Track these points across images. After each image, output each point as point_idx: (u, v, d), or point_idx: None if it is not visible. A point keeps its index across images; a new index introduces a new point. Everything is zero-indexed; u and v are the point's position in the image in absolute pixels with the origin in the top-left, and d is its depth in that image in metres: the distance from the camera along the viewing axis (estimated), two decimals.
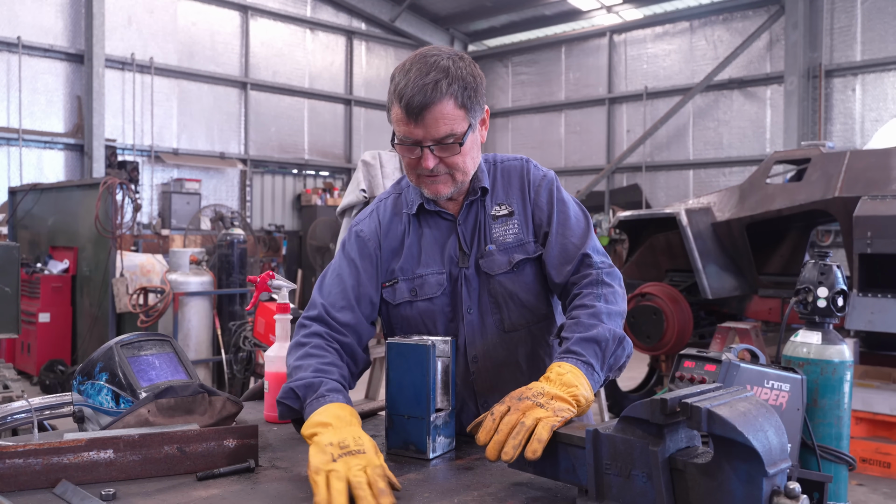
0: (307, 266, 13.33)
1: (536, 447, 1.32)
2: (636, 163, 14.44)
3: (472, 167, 1.74)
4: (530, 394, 1.43)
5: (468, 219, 1.79)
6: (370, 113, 15.87)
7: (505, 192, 1.81)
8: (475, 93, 1.66)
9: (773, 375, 2.49)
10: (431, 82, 1.61)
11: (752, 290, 6.88)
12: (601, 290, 1.67)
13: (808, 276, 2.87)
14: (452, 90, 1.62)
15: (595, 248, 1.75)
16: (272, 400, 1.86)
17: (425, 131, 1.63)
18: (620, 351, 1.61)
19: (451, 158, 1.67)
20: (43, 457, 1.34)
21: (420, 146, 1.65)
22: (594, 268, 1.71)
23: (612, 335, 1.59)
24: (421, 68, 1.63)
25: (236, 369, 6.16)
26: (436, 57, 1.66)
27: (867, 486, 5.01)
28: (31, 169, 11.42)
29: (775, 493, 1.07)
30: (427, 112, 1.61)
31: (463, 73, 1.64)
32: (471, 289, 1.77)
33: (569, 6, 14.94)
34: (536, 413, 1.38)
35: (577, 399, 1.45)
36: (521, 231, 1.77)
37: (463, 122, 1.65)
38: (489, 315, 1.77)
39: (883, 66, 11.83)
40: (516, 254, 1.76)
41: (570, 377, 1.49)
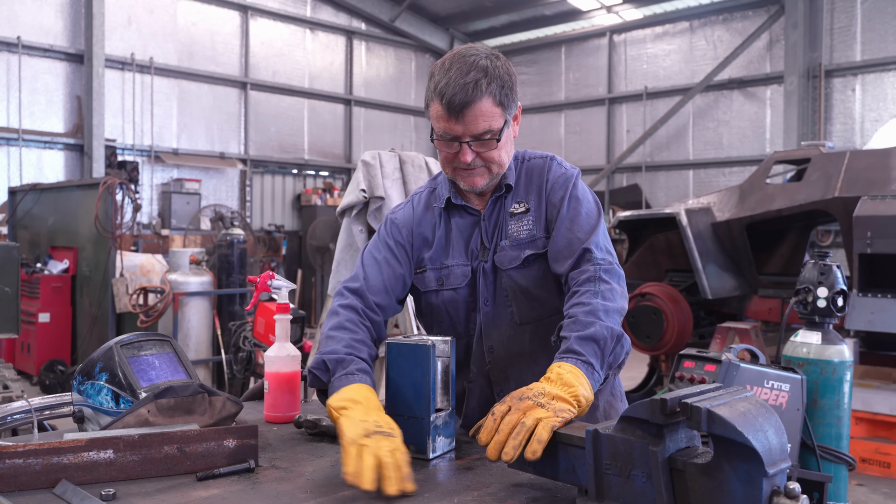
0: (307, 266, 13.33)
1: (536, 448, 1.33)
2: (636, 163, 14.44)
3: (507, 160, 1.82)
4: (531, 394, 1.44)
5: (492, 214, 1.87)
6: (370, 113, 15.88)
7: (525, 189, 1.86)
8: (511, 91, 1.75)
9: (772, 375, 2.49)
10: (472, 81, 1.68)
11: (751, 290, 6.89)
12: (598, 286, 1.67)
13: (808, 276, 2.88)
14: (491, 89, 1.70)
15: (599, 245, 1.75)
16: (272, 400, 1.86)
17: (465, 128, 1.71)
18: (619, 348, 1.61)
19: (488, 153, 1.76)
20: (43, 457, 1.34)
21: (459, 141, 1.73)
22: (593, 263, 1.71)
23: (609, 333, 1.59)
24: (461, 67, 1.70)
25: (236, 369, 6.16)
26: (475, 56, 1.73)
27: (867, 487, 5.01)
28: (30, 169, 11.41)
29: (775, 493, 1.07)
30: (468, 110, 1.69)
31: (500, 72, 1.73)
32: (487, 282, 1.84)
33: (569, 6, 14.94)
34: (537, 413, 1.39)
35: (578, 399, 1.46)
36: (534, 227, 1.81)
37: (500, 118, 1.74)
38: (503, 308, 1.83)
39: (883, 66, 11.83)
40: (527, 249, 1.80)
41: (570, 377, 1.49)
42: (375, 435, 1.39)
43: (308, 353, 2.19)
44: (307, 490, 1.37)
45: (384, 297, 1.84)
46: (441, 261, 1.88)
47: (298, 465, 1.52)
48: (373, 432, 1.39)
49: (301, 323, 2.11)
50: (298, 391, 1.90)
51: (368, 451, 1.35)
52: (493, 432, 1.40)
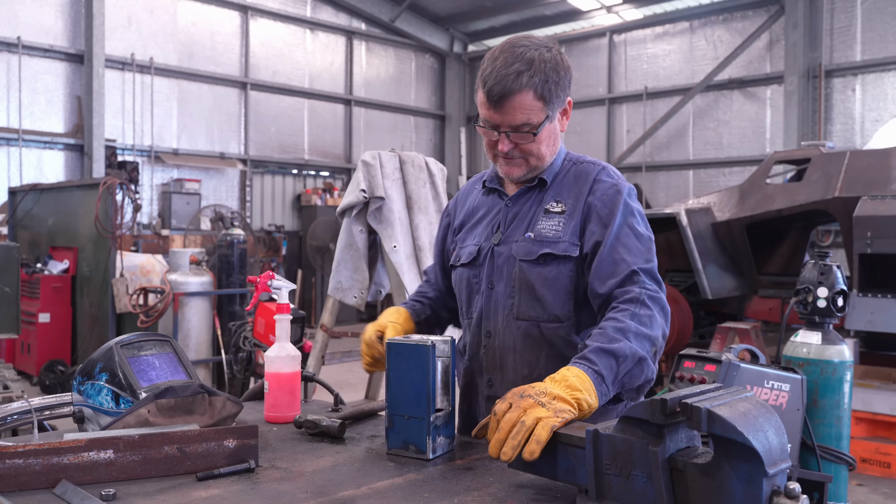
0: (307, 266, 13.32)
1: (534, 448, 1.34)
2: (636, 163, 14.44)
3: (547, 154, 1.82)
4: (533, 392, 1.44)
5: (519, 202, 1.87)
6: (370, 113, 15.88)
7: (568, 190, 1.83)
8: (556, 85, 1.73)
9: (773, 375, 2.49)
10: (514, 73, 1.69)
11: (752, 290, 6.89)
12: (638, 309, 1.65)
13: (808, 276, 2.88)
14: (533, 82, 1.70)
15: (649, 271, 1.72)
16: (272, 400, 1.86)
17: (503, 118, 1.73)
18: (638, 371, 1.60)
19: (526, 145, 1.77)
20: (43, 457, 1.34)
21: (498, 130, 1.75)
22: (640, 286, 1.68)
23: (631, 353, 1.58)
24: (507, 58, 1.72)
25: (236, 369, 6.16)
26: (524, 48, 1.73)
27: (867, 487, 5.01)
28: (31, 169, 11.41)
29: (775, 493, 1.07)
30: (506, 101, 1.71)
31: (546, 66, 1.72)
32: (493, 266, 1.84)
33: (569, 6, 14.94)
34: (537, 412, 1.39)
35: (580, 402, 1.45)
36: (563, 230, 1.78)
37: (540, 112, 1.73)
38: (506, 297, 1.82)
39: (883, 67, 11.83)
40: (546, 248, 1.77)
41: (575, 381, 1.49)
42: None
43: (308, 353, 2.19)
44: (307, 490, 1.37)
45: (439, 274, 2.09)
46: (464, 238, 1.95)
47: (298, 465, 1.52)
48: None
49: (301, 323, 2.11)
50: (298, 391, 1.90)
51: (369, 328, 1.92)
52: (494, 430, 1.40)
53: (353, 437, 1.74)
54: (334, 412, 1.92)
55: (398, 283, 4.70)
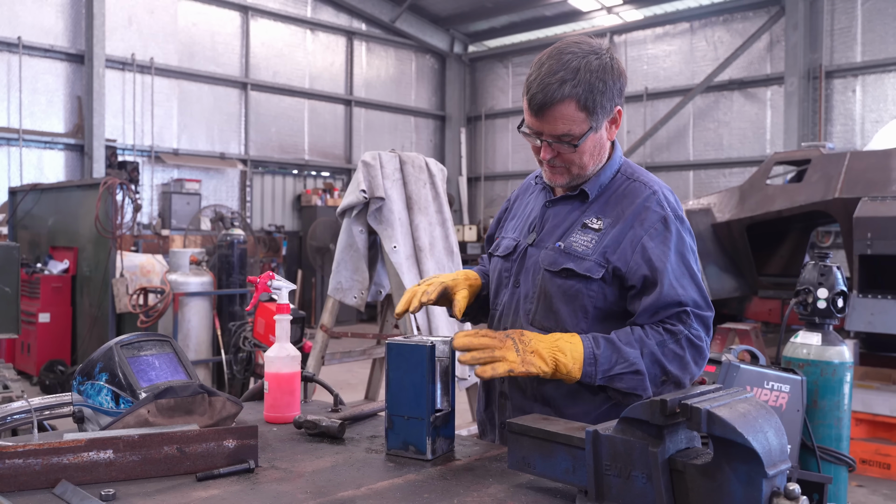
0: (307, 267, 13.32)
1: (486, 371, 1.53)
2: (636, 163, 14.42)
3: (590, 164, 1.77)
4: (517, 336, 1.57)
5: (557, 206, 1.83)
6: (370, 113, 15.88)
7: (612, 207, 1.76)
8: (602, 95, 1.67)
9: (772, 376, 2.49)
10: (557, 82, 1.64)
11: (752, 291, 6.89)
12: (671, 344, 1.64)
13: (808, 277, 2.87)
14: (576, 93, 1.65)
15: (700, 317, 1.68)
16: (272, 400, 1.86)
17: (544, 126, 1.69)
18: (630, 380, 1.62)
19: (568, 155, 1.73)
20: (43, 457, 1.34)
21: (540, 138, 1.72)
22: (687, 327, 1.66)
23: (634, 361, 1.61)
24: (553, 65, 1.67)
25: (236, 370, 6.16)
26: (571, 55, 1.68)
27: (867, 488, 5.01)
28: (31, 169, 11.41)
29: (775, 494, 1.07)
30: (547, 110, 1.66)
31: (593, 76, 1.66)
32: (524, 266, 1.82)
33: (569, 7, 14.94)
34: (507, 353, 1.54)
35: (557, 364, 1.58)
36: (593, 248, 1.71)
37: (583, 124, 1.68)
38: (527, 301, 1.80)
39: (883, 68, 11.83)
40: (570, 263, 1.72)
41: (566, 346, 1.58)
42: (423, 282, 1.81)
43: (308, 354, 2.19)
44: (307, 490, 1.37)
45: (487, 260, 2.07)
46: (506, 231, 1.95)
47: (298, 466, 1.52)
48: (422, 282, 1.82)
49: (301, 323, 2.11)
50: (298, 391, 1.90)
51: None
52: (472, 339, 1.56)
53: (352, 438, 1.74)
54: (334, 412, 1.92)
55: (398, 283, 4.70)
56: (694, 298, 1.68)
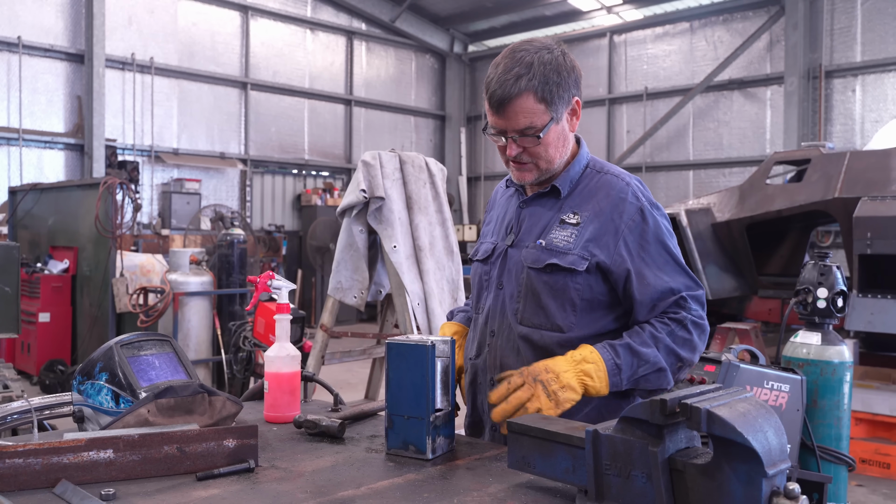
0: (307, 266, 13.33)
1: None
2: (636, 163, 14.44)
3: (556, 156, 1.80)
4: (545, 377, 1.58)
5: (533, 205, 1.87)
6: (370, 113, 15.87)
7: (586, 202, 1.81)
8: (557, 86, 1.73)
9: (772, 376, 2.49)
10: (513, 78, 1.70)
11: (751, 290, 6.88)
12: (679, 330, 1.72)
13: (807, 276, 2.88)
14: (532, 85, 1.70)
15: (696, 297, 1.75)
16: (272, 400, 1.86)
17: (507, 123, 1.74)
18: (654, 378, 1.70)
19: (533, 149, 1.77)
20: (43, 457, 1.34)
21: (504, 135, 1.76)
22: (688, 311, 1.74)
23: (654, 360, 1.68)
24: (508, 63, 1.73)
25: (236, 369, 6.16)
26: (524, 52, 1.74)
27: (867, 487, 5.01)
28: (31, 169, 11.41)
29: (775, 493, 1.07)
30: (508, 106, 1.71)
31: (547, 69, 1.72)
32: (505, 267, 1.86)
33: (569, 7, 14.94)
34: (542, 402, 1.56)
35: (587, 389, 1.63)
36: (574, 242, 1.76)
37: (543, 115, 1.73)
38: (512, 300, 1.83)
39: (883, 67, 11.83)
40: (553, 258, 1.76)
41: (590, 368, 1.62)
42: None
43: (308, 353, 2.19)
44: (307, 490, 1.37)
45: None
46: (485, 236, 2.00)
47: (298, 465, 1.52)
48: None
49: (301, 323, 2.11)
50: (298, 391, 1.90)
51: None
52: (502, 399, 1.57)
53: (352, 437, 1.74)
54: (334, 412, 1.92)
55: (398, 283, 4.70)
56: (683, 282, 1.76)
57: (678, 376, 1.75)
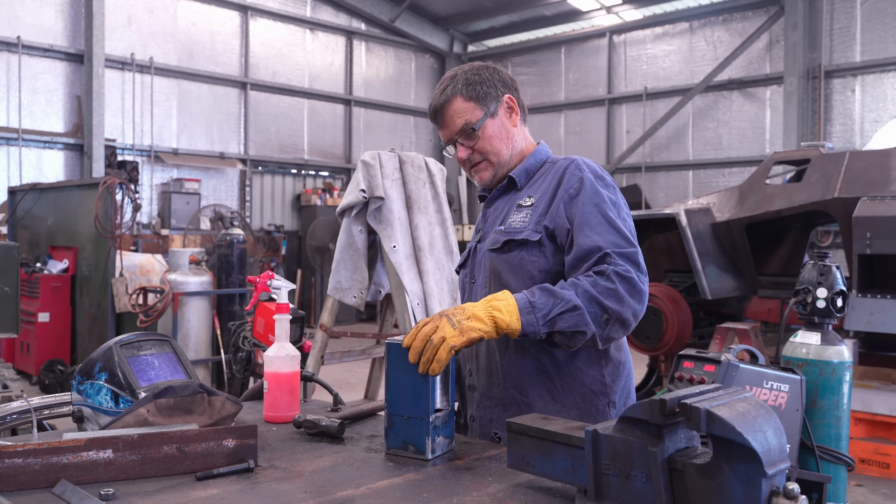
0: (307, 266, 13.33)
1: (435, 367, 1.54)
2: (636, 163, 14.44)
3: (502, 148, 1.94)
4: (451, 311, 1.62)
5: (496, 202, 2.00)
6: (370, 113, 15.87)
7: (539, 184, 1.92)
8: (481, 85, 1.91)
9: (772, 376, 2.49)
10: (440, 90, 1.94)
11: (751, 290, 6.88)
12: (602, 281, 1.68)
13: (807, 276, 2.87)
14: (457, 89, 1.91)
15: (623, 254, 1.72)
16: (271, 400, 1.86)
17: (448, 129, 1.93)
18: (571, 317, 1.64)
19: (478, 145, 1.92)
20: (42, 456, 1.34)
21: (453, 143, 1.94)
22: (609, 264, 1.70)
23: (570, 299, 1.65)
24: (440, 84, 1.97)
25: (236, 369, 6.16)
26: (450, 71, 1.98)
27: (866, 487, 5.01)
28: (30, 169, 11.41)
29: (774, 493, 1.07)
30: (443, 113, 1.92)
31: (468, 74, 1.93)
32: (475, 261, 1.99)
33: (568, 7, 14.94)
34: (444, 331, 1.56)
35: (496, 321, 1.61)
36: (528, 219, 1.85)
37: (475, 111, 1.90)
38: (482, 288, 1.92)
39: (882, 67, 11.83)
40: (508, 235, 1.86)
41: (500, 303, 1.63)
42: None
43: (307, 353, 2.19)
44: (306, 490, 1.37)
45: None
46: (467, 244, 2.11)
47: (298, 465, 1.52)
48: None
49: (300, 323, 2.11)
50: (298, 391, 1.90)
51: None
52: (412, 339, 1.57)
53: (352, 437, 1.74)
54: (333, 412, 1.92)
55: (398, 283, 4.70)
56: (611, 240, 1.73)
57: (608, 332, 1.68)
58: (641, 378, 7.31)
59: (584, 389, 1.83)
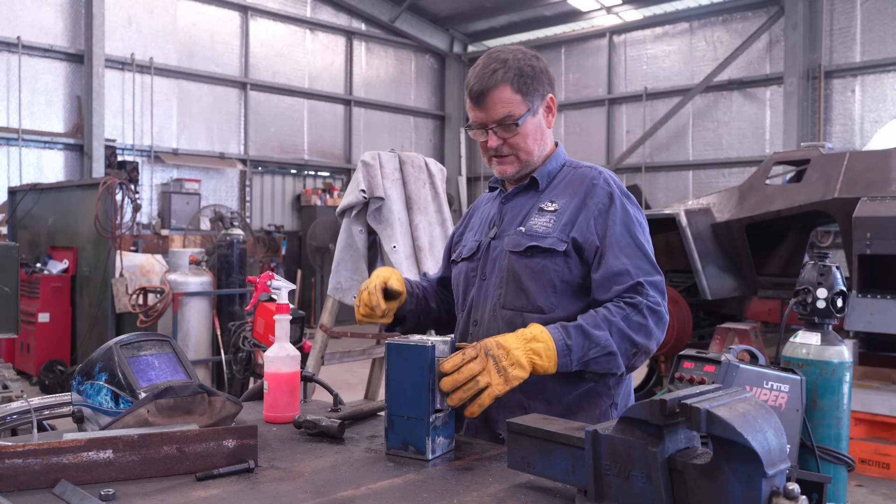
0: (307, 266, 13.32)
1: (475, 410, 1.57)
2: (636, 163, 14.44)
3: (534, 148, 1.90)
4: (497, 352, 1.60)
5: (514, 199, 1.96)
6: (370, 113, 15.87)
7: (563, 191, 1.90)
8: (532, 80, 1.84)
9: (772, 376, 2.49)
10: (490, 71, 1.83)
11: (751, 290, 6.88)
12: (635, 316, 1.72)
13: (807, 277, 2.87)
14: (508, 77, 1.82)
15: (653, 283, 1.77)
16: (272, 400, 1.86)
17: (486, 114, 1.84)
18: (605, 362, 1.70)
19: (513, 139, 1.86)
20: (42, 457, 1.34)
21: (485, 128, 1.86)
22: (644, 297, 1.75)
23: (606, 344, 1.68)
24: (486, 61, 1.86)
25: (236, 369, 6.15)
26: (500, 52, 1.88)
27: (866, 487, 5.01)
28: (30, 169, 11.41)
29: (774, 493, 1.07)
30: (486, 97, 1.83)
31: (521, 63, 1.84)
32: (489, 258, 1.93)
33: (569, 7, 14.94)
34: (492, 378, 1.57)
35: (535, 367, 1.63)
36: (553, 227, 1.84)
37: (520, 105, 1.84)
38: (496, 287, 1.89)
39: (882, 68, 11.83)
40: (533, 241, 1.83)
41: (540, 347, 1.63)
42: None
43: (308, 354, 2.19)
44: (306, 490, 1.37)
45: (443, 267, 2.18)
46: (466, 238, 2.04)
47: (298, 466, 1.52)
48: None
49: (301, 323, 2.11)
50: (298, 391, 1.90)
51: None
52: (456, 369, 1.56)
53: (352, 438, 1.74)
54: (334, 412, 1.92)
55: None
56: (641, 266, 1.78)
57: (633, 362, 1.75)
58: (641, 378, 7.31)
59: (587, 391, 1.84)
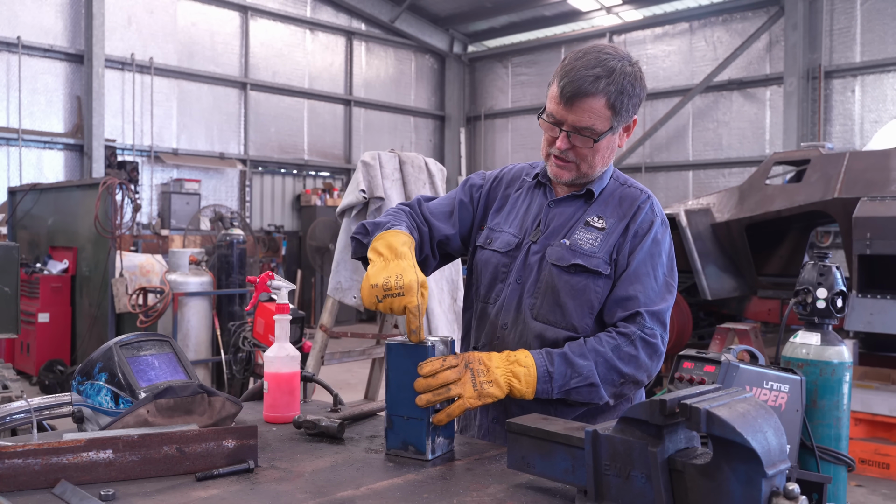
0: (307, 266, 13.32)
1: (442, 419, 1.56)
2: (635, 164, 14.44)
3: (599, 164, 1.82)
4: (477, 366, 1.59)
5: (561, 206, 1.88)
6: (370, 114, 15.87)
7: (612, 210, 1.85)
8: (629, 100, 1.74)
9: (772, 376, 2.49)
10: (592, 77, 1.70)
11: (751, 290, 6.89)
12: (626, 347, 1.71)
13: (807, 277, 2.88)
14: (609, 90, 1.70)
15: (654, 313, 1.75)
16: (271, 400, 1.86)
17: (569, 116, 1.73)
18: (585, 392, 1.69)
19: (583, 150, 1.77)
20: (42, 457, 1.34)
21: (560, 127, 1.76)
22: (639, 327, 1.73)
23: (588, 374, 1.68)
24: (591, 60, 1.72)
25: (236, 370, 6.16)
26: (609, 56, 1.73)
27: (866, 488, 5.01)
28: (30, 169, 11.41)
29: (774, 494, 1.07)
30: (578, 100, 1.71)
31: (625, 81, 1.72)
32: (527, 263, 1.85)
33: (569, 7, 14.94)
34: (465, 390, 1.56)
35: (511, 389, 1.63)
36: (599, 246, 1.79)
37: (606, 122, 1.74)
38: (529, 295, 1.83)
39: (882, 68, 11.83)
40: (578, 259, 1.78)
41: (521, 371, 1.63)
42: (387, 298, 1.61)
43: (307, 354, 2.19)
44: (306, 490, 1.37)
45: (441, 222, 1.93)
46: (500, 224, 1.93)
47: (298, 466, 1.52)
48: (383, 297, 1.61)
49: (300, 323, 2.11)
50: (298, 391, 1.90)
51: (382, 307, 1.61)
52: (431, 374, 1.54)
53: (352, 438, 1.74)
54: (333, 412, 1.92)
55: None
56: (648, 295, 1.75)
57: (620, 390, 1.73)
58: None
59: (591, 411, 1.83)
